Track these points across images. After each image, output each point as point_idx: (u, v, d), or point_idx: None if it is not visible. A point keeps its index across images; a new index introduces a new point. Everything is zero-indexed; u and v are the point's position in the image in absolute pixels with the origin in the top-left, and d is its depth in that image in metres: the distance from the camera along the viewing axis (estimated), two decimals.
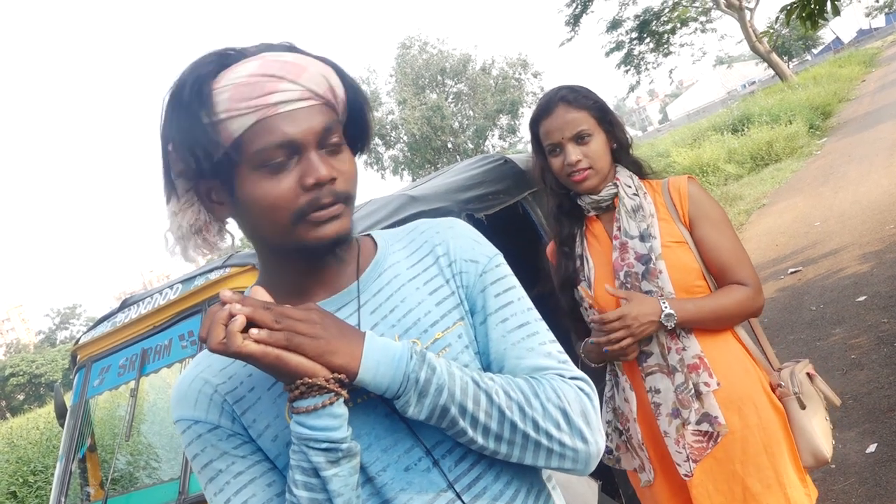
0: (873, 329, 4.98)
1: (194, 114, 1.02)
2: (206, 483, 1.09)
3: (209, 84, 1.03)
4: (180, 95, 1.03)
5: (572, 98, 2.02)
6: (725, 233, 1.99)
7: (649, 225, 1.98)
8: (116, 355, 2.96)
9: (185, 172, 1.06)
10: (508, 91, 38.79)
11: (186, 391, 1.12)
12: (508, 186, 3.20)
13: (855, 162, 11.63)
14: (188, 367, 1.16)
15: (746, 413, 1.92)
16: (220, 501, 1.07)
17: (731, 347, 1.98)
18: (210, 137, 1.01)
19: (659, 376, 1.96)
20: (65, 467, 3.00)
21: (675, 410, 1.93)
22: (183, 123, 1.03)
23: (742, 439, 1.91)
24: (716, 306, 1.93)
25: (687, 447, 1.92)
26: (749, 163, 15.45)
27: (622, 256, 2.00)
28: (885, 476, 3.31)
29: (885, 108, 17.32)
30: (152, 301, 2.86)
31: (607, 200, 2.05)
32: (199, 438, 1.09)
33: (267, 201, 1.03)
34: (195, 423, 1.10)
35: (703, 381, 1.91)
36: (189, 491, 2.50)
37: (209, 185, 1.08)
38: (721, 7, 31.12)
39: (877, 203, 8.31)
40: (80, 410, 3.07)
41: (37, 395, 47.28)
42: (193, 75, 1.04)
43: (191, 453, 1.10)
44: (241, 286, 2.57)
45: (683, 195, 2.01)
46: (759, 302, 1.97)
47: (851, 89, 25.98)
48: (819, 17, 5.68)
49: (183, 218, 1.10)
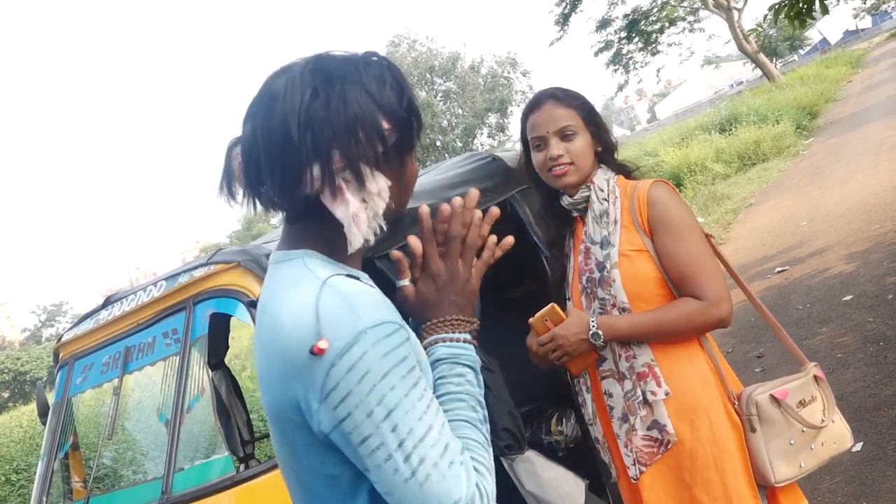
0: (859, 328, 5.00)
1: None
2: (410, 389, 1.07)
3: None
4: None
5: (562, 96, 2.05)
6: (685, 242, 1.93)
7: (610, 232, 1.98)
8: (99, 353, 2.93)
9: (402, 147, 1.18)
10: (497, 89, 38.80)
11: (383, 300, 1.12)
12: (496, 184, 3.18)
13: (841, 162, 11.70)
14: (361, 287, 1.13)
15: (699, 425, 1.91)
16: (422, 409, 1.07)
17: (693, 358, 1.96)
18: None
19: (611, 381, 1.98)
20: (46, 466, 2.96)
21: (624, 415, 1.97)
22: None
23: (691, 451, 1.90)
24: (655, 321, 1.91)
25: (635, 451, 1.94)
26: (736, 162, 15.51)
27: (585, 261, 2.02)
28: (871, 475, 3.32)
29: (872, 108, 17.44)
30: (136, 298, 2.83)
31: (581, 203, 2.06)
32: (408, 341, 1.10)
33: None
34: (402, 326, 1.10)
35: (650, 389, 1.91)
36: (172, 490, 2.48)
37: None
38: (709, 7, 31.24)
39: (863, 203, 8.36)
40: (63, 408, 3.03)
41: (22, 393, 46.96)
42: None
43: (400, 355, 1.07)
44: (226, 283, 2.54)
45: (643, 202, 1.97)
46: (715, 314, 1.90)
47: (838, 90, 26.15)
48: (807, 16, 5.69)
49: (381, 198, 1.15)
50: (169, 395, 2.67)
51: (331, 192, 1.11)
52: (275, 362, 1.12)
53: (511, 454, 2.57)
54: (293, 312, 1.10)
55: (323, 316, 1.06)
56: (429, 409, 1.08)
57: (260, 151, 1.13)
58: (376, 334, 1.06)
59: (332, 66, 1.15)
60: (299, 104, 1.10)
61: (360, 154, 1.11)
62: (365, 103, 1.12)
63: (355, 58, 1.18)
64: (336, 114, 1.10)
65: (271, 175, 1.13)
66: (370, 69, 1.16)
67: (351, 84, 1.13)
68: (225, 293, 2.53)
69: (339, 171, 1.11)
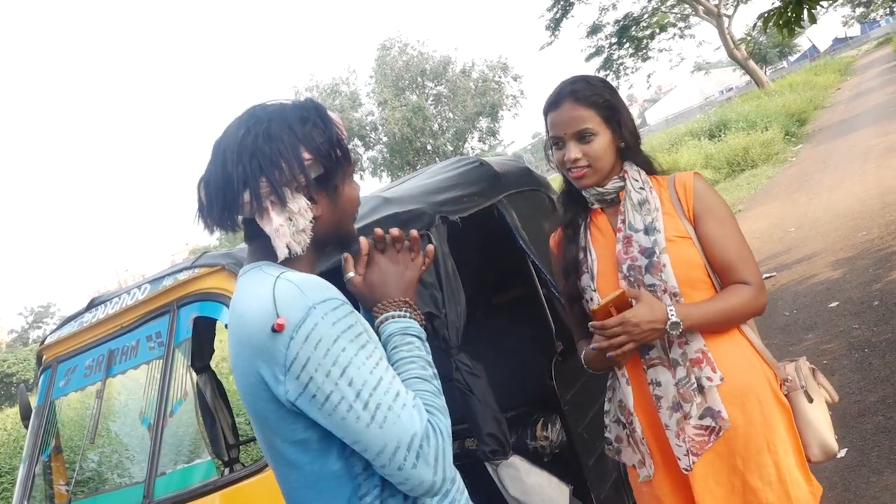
0: (845, 335, 5.03)
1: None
2: (359, 349, 1.27)
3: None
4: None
5: (581, 95, 1.98)
6: (729, 230, 1.97)
7: (654, 219, 1.96)
8: (82, 356, 2.90)
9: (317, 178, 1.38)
10: (488, 94, 38.88)
11: (329, 284, 1.32)
12: (483, 189, 3.18)
13: (829, 169, 11.77)
14: (309, 276, 1.34)
15: (750, 409, 1.90)
16: (372, 364, 1.27)
17: (736, 342, 1.95)
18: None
19: (660, 369, 1.93)
20: (28, 469, 2.93)
21: (675, 404, 1.91)
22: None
23: (745, 435, 1.89)
24: (723, 308, 1.91)
25: (687, 440, 1.90)
26: (725, 168, 15.59)
27: (626, 249, 1.97)
28: (855, 481, 3.34)
29: (860, 115, 17.56)
30: (120, 301, 2.81)
31: (612, 194, 2.03)
32: (353, 314, 1.30)
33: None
34: (346, 302, 1.31)
35: (706, 375, 1.88)
36: (153, 495, 2.46)
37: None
38: (699, 14, 31.39)
39: (850, 210, 8.41)
40: (45, 411, 3.00)
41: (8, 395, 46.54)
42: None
43: (346, 324, 1.27)
44: (210, 286, 2.52)
45: (689, 190, 1.99)
46: (762, 300, 1.94)
47: (827, 97, 26.34)
48: (796, 25, 5.72)
49: (301, 216, 1.36)
50: (152, 398, 2.65)
51: (259, 213, 1.34)
52: (244, 348, 1.31)
53: (495, 459, 2.56)
54: (255, 303, 1.30)
55: (279, 300, 1.27)
56: (378, 365, 1.28)
57: (210, 184, 1.37)
58: (324, 308, 1.26)
59: (264, 110, 1.39)
60: (233, 141, 1.35)
61: (283, 181, 1.33)
62: (287, 138, 1.35)
63: (286, 102, 1.42)
64: (262, 147, 1.33)
65: (217, 203, 1.36)
66: (296, 110, 1.39)
67: (276, 122, 1.36)
68: (209, 297, 2.52)
69: (265, 195, 1.32)
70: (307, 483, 1.34)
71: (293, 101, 1.42)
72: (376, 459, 1.26)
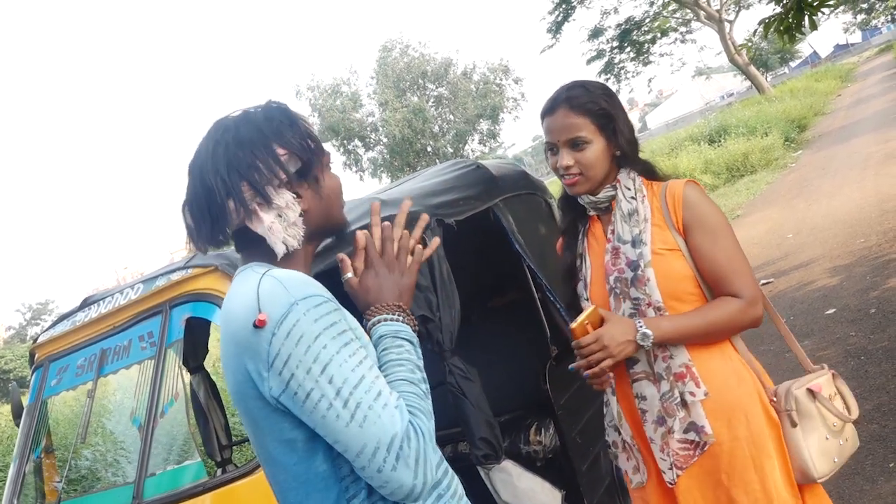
0: (841, 342, 5.02)
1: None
2: (341, 347, 1.26)
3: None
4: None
5: (577, 102, 1.96)
6: (721, 241, 1.92)
7: (642, 230, 1.93)
8: (75, 355, 2.90)
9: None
10: (489, 96, 38.82)
11: (314, 281, 1.33)
12: (480, 192, 3.18)
13: (829, 175, 11.77)
14: (295, 273, 1.34)
15: (735, 424, 1.87)
16: (354, 363, 1.26)
17: (726, 356, 1.93)
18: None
19: (645, 383, 1.92)
20: (18, 468, 2.93)
21: (660, 418, 1.90)
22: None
23: (729, 451, 1.87)
24: (700, 322, 1.87)
25: (672, 454, 1.89)
26: (725, 174, 15.59)
27: (613, 261, 1.96)
28: (849, 489, 3.33)
29: (860, 122, 17.56)
30: (113, 300, 2.80)
31: (604, 202, 2.01)
32: (336, 311, 1.30)
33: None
34: (330, 300, 1.30)
35: (689, 390, 1.87)
36: (143, 495, 2.45)
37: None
38: (701, 19, 31.40)
39: (848, 217, 8.40)
40: (37, 410, 2.99)
41: (4, 392, 46.55)
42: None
43: (329, 321, 1.27)
44: (203, 287, 2.52)
45: (678, 201, 1.94)
46: (752, 314, 1.90)
47: (827, 103, 26.34)
48: (797, 31, 5.72)
49: (290, 209, 1.37)
50: (143, 399, 2.64)
51: (248, 217, 1.34)
52: (230, 345, 1.31)
53: (488, 464, 2.55)
54: (240, 300, 1.30)
55: (262, 296, 1.27)
56: (361, 364, 1.27)
57: (194, 205, 1.39)
58: (306, 304, 1.26)
59: (229, 119, 1.41)
60: (206, 157, 1.37)
61: (264, 180, 1.34)
62: (258, 138, 1.36)
63: (248, 108, 1.43)
64: (236, 154, 1.35)
65: (205, 221, 1.38)
66: (260, 112, 1.41)
67: (244, 127, 1.38)
68: (202, 297, 2.51)
69: (250, 199, 1.34)
70: (295, 484, 1.34)
71: (254, 107, 1.44)
72: (356, 460, 1.25)
